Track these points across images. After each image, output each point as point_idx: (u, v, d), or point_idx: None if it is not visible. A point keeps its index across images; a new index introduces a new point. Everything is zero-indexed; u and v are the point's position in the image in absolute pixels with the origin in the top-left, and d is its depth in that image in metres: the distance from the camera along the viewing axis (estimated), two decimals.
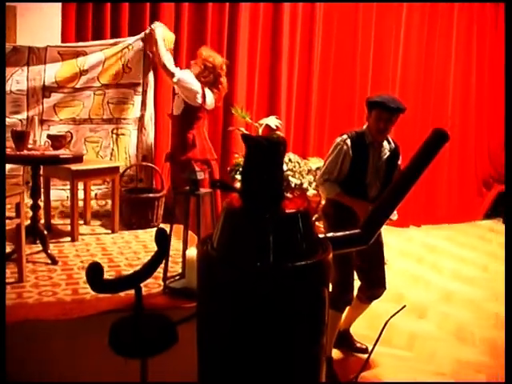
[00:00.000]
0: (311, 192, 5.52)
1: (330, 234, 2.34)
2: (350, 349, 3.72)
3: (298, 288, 1.97)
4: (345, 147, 3.30)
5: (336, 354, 3.65)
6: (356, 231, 2.42)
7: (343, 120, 6.54)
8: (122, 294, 3.10)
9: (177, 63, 5.35)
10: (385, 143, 3.41)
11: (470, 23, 7.45)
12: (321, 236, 2.27)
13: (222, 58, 4.91)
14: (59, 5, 5.11)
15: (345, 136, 3.37)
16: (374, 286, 3.52)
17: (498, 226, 7.54)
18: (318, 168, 5.37)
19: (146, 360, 1.77)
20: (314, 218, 4.96)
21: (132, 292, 1.87)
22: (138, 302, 1.74)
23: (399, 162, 3.44)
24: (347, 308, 3.53)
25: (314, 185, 5.41)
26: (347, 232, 2.40)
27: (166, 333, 1.82)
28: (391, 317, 2.57)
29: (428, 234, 7.07)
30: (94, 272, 1.62)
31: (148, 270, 1.80)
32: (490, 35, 7.62)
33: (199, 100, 4.59)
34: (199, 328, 2.07)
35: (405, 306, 2.84)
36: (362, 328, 3.87)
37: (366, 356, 3.54)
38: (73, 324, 2.75)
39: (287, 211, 2.07)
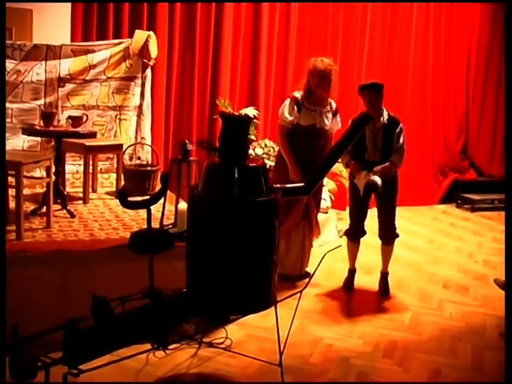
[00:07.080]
0: None
1: (280, 185, 3.31)
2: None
3: (256, 217, 2.92)
4: None
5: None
6: (301, 184, 3.40)
7: None
8: (127, 235, 4.03)
9: (170, 59, 6.27)
10: None
11: (428, 14, 8.03)
12: (274, 186, 3.24)
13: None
14: (69, 7, 5.99)
15: None
16: (381, 228, 4.75)
17: (451, 210, 8.29)
18: None
19: (152, 256, 2.69)
20: None
21: None
22: (148, 218, 2.67)
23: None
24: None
25: None
26: (293, 185, 3.38)
27: (166, 239, 2.75)
28: (329, 251, 3.45)
29: None
30: (123, 193, 2.56)
31: (154, 198, 2.73)
32: (444, 28, 8.17)
33: None
34: (188, 245, 3.00)
35: (340, 246, 3.80)
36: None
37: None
38: (91, 254, 3.63)
39: (250, 165, 3.02)
